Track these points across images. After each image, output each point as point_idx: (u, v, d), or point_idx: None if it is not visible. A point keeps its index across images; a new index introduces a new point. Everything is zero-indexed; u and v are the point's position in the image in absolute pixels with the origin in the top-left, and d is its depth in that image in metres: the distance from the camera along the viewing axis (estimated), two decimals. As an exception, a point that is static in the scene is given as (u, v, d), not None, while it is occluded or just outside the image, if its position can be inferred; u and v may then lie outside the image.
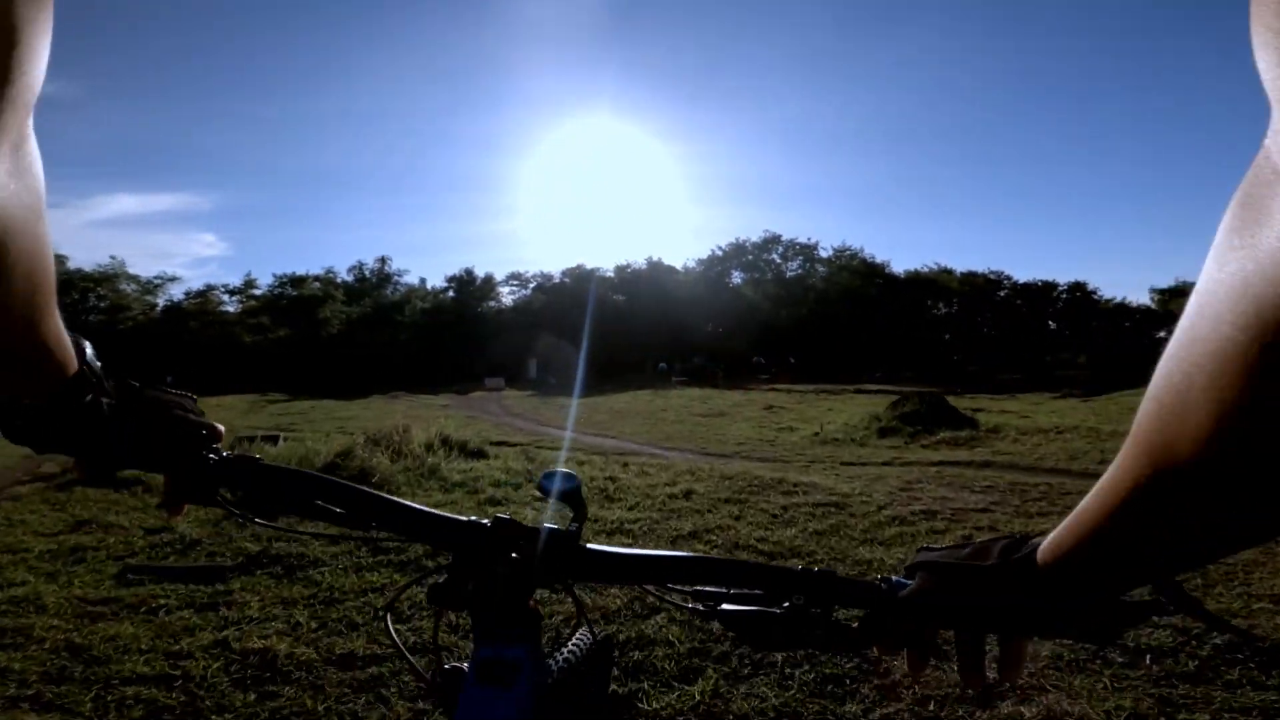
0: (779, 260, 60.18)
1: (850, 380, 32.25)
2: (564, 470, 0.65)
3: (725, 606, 0.59)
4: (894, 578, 0.59)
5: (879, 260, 57.92)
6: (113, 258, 56.91)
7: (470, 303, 53.09)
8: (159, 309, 45.90)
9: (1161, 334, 51.18)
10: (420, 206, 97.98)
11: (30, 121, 0.40)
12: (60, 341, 0.53)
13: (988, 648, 0.57)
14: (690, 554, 0.62)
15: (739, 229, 71.85)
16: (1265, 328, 0.26)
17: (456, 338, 48.97)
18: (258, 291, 48.42)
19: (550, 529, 0.60)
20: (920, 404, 10.35)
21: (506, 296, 56.82)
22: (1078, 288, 55.46)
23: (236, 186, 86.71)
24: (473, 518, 0.62)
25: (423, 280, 55.86)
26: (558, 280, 56.75)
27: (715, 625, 1.00)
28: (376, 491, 0.65)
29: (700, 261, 60.54)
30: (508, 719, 0.56)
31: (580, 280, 56.24)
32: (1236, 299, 0.27)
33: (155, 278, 47.02)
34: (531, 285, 57.10)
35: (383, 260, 55.08)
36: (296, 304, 46.96)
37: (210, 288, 47.68)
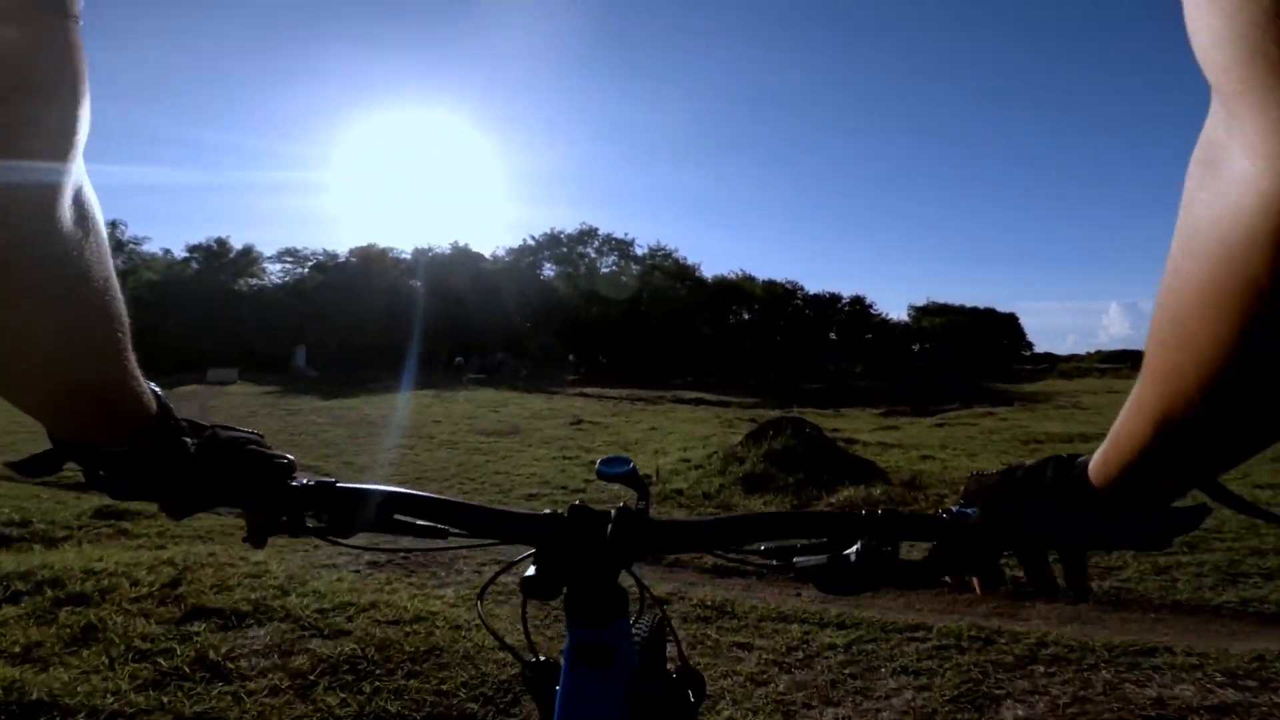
0: (594, 255, 57.15)
1: (662, 384, 29.57)
2: (618, 455, 0.73)
3: (798, 559, 0.60)
4: (954, 508, 0.59)
5: (691, 262, 57.17)
6: None
7: (219, 278, 43.26)
8: None
9: (916, 346, 58.15)
10: (183, 176, 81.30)
11: (83, 167, 0.43)
12: (139, 384, 0.54)
13: (1052, 560, 0.59)
14: (756, 513, 0.64)
15: (556, 224, 67.93)
16: (1235, 255, 0.30)
17: (197, 319, 39.42)
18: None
19: (623, 510, 0.62)
20: (793, 436, 6.92)
21: (277, 275, 47.54)
22: (858, 301, 59.01)
23: None
24: (549, 510, 0.63)
25: (167, 251, 44.68)
26: (342, 259, 48.62)
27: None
28: (451, 498, 0.66)
29: (510, 251, 55.62)
30: (610, 697, 0.57)
31: (370, 261, 48.64)
32: (1210, 236, 0.32)
33: None
34: (309, 264, 48.31)
35: (113, 224, 43.07)
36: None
37: None
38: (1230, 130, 0.30)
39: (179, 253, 44.97)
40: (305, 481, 0.64)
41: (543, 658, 0.69)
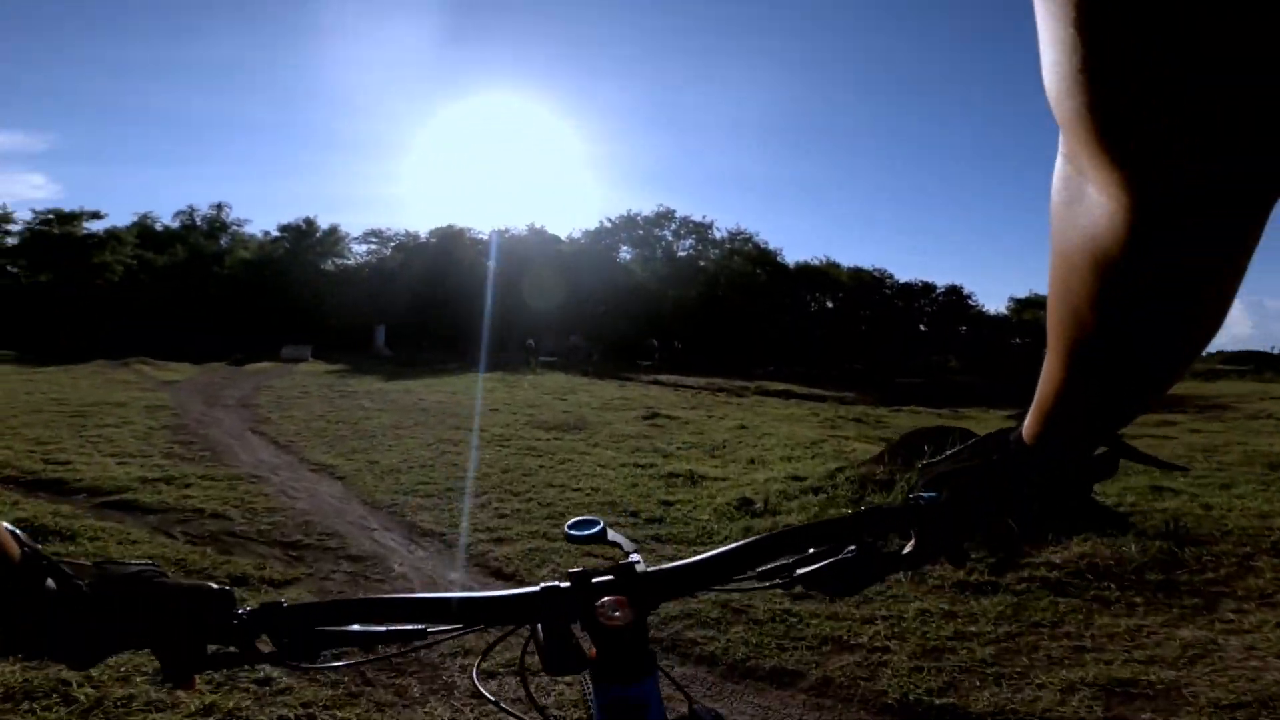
0: (671, 238, 55.14)
1: (742, 374, 27.36)
2: (583, 518, 0.71)
3: (800, 571, 0.61)
4: (922, 495, 0.63)
5: (771, 247, 54.31)
6: None
7: (307, 258, 43.87)
8: None
9: (1016, 340, 53.24)
10: (289, 163, 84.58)
11: None
12: None
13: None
14: (750, 539, 0.63)
15: (633, 206, 65.93)
16: (1098, 266, 0.38)
17: (285, 296, 40.05)
18: (15, 227, 36.62)
19: (626, 566, 0.60)
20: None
21: (363, 255, 48.01)
22: (954, 291, 54.65)
23: (71, 125, 70.61)
24: (544, 584, 0.60)
25: (266, 233, 45.69)
26: (423, 240, 48.61)
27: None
28: (422, 594, 0.61)
29: (587, 233, 54.31)
30: None
31: (448, 241, 48.45)
32: (1078, 245, 0.39)
33: None
34: (392, 244, 48.57)
35: (219, 207, 44.48)
36: (64, 245, 35.98)
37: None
38: (1081, 172, 0.35)
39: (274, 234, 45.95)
40: (244, 610, 0.57)
41: None
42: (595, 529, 0.70)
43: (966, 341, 52.33)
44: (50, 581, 0.50)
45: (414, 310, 42.76)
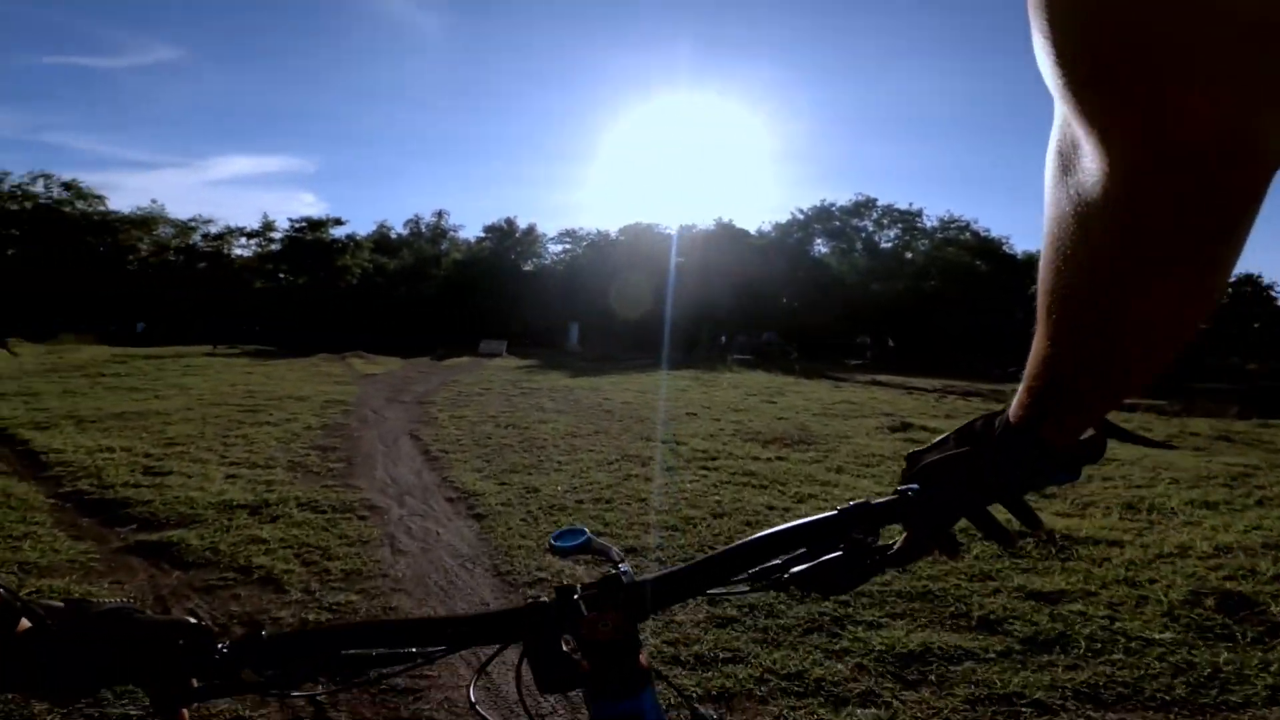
0: (872, 228, 49.89)
1: (977, 374, 22.70)
2: (570, 528, 0.68)
3: (791, 571, 0.59)
4: (909, 487, 0.59)
5: (994, 235, 46.88)
6: (153, 201, 52.82)
7: (508, 257, 45.67)
8: (170, 252, 40.28)
9: None
10: (493, 171, 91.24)
11: None
12: None
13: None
14: (739, 543, 0.61)
15: (827, 197, 60.74)
16: (1091, 235, 0.39)
17: (488, 294, 41.86)
18: (277, 235, 41.96)
19: (612, 578, 0.58)
20: None
21: (558, 254, 49.25)
22: (1248, 280, 43.29)
23: (334, 149, 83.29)
24: (530, 600, 0.58)
25: (480, 238, 48.66)
26: (614, 238, 48.63)
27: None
28: (408, 618, 0.61)
29: (777, 226, 50.92)
30: None
31: (637, 238, 47.96)
32: (1070, 214, 0.40)
33: (191, 220, 40.92)
34: (584, 243, 49.21)
35: (439, 214, 48.26)
36: (313, 250, 40.54)
37: (229, 230, 41.46)
38: (1076, 140, 0.37)
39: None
40: (226, 643, 0.55)
41: None
42: (580, 539, 0.67)
43: (1266, 340, 40.99)
44: (25, 621, 0.50)
45: (604, 307, 42.62)
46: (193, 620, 0.54)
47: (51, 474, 4.72)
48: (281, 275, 41.03)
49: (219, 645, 0.54)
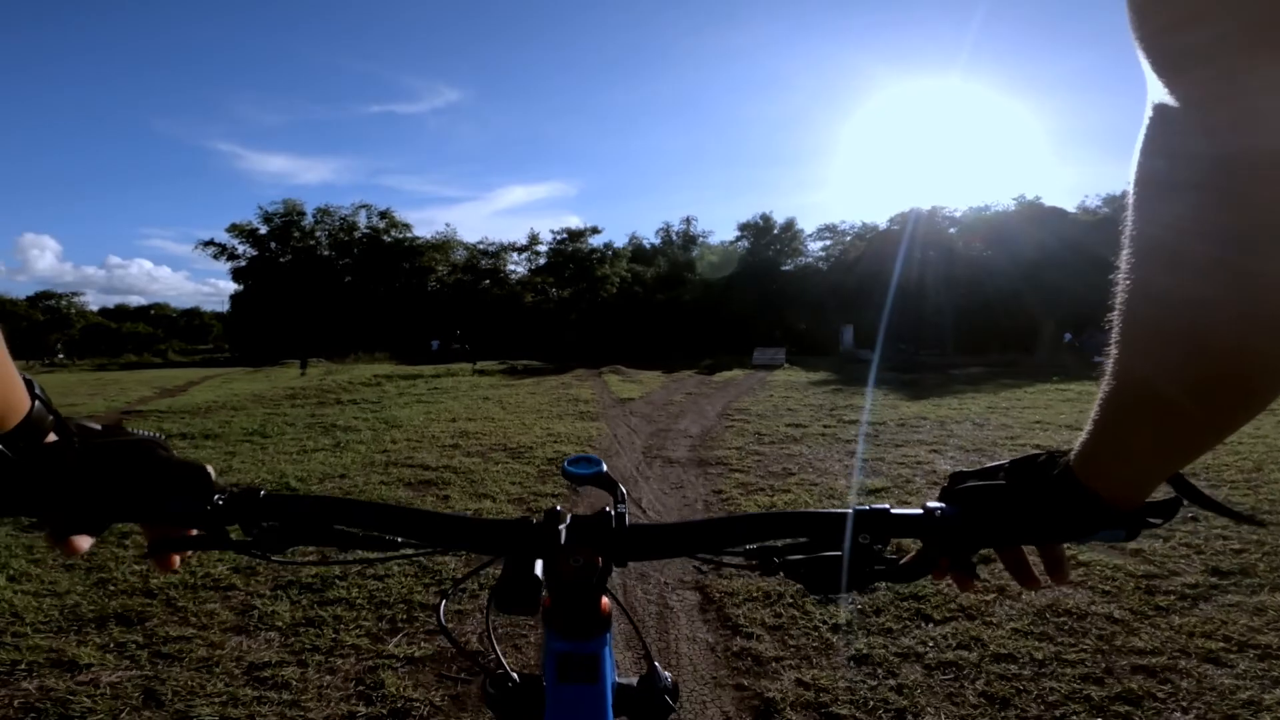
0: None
1: None
2: (586, 455, 0.65)
3: (787, 558, 0.56)
4: (937, 506, 0.55)
5: None
6: (447, 225, 58.64)
7: (766, 254, 41.07)
8: (459, 272, 43.16)
9: None
10: (741, 176, 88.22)
11: None
12: (7, 372, 0.44)
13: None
14: (739, 514, 0.59)
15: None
16: (1202, 215, 0.32)
17: (748, 298, 37.79)
18: (541, 248, 42.70)
19: (605, 514, 0.56)
20: None
21: (817, 252, 43.51)
22: None
23: (592, 172, 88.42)
24: (517, 515, 0.58)
25: (735, 239, 45.43)
26: (884, 229, 41.33)
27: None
28: (400, 505, 0.58)
29: (1105, 199, 39.04)
30: (597, 713, 0.54)
31: (918, 225, 40.11)
32: (1163, 217, 0.35)
33: (479, 243, 43.51)
34: (848, 237, 42.68)
35: (687, 220, 46.03)
36: (574, 260, 40.33)
37: (503, 248, 43.21)
38: (1173, 110, 0.33)
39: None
40: (226, 491, 0.54)
41: (514, 673, 0.63)
42: (595, 469, 0.65)
43: None
44: (53, 438, 0.48)
45: (880, 305, 35.81)
46: (198, 464, 0.52)
47: None
48: (549, 289, 41.63)
49: (216, 496, 0.52)
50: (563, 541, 0.53)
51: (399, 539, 0.56)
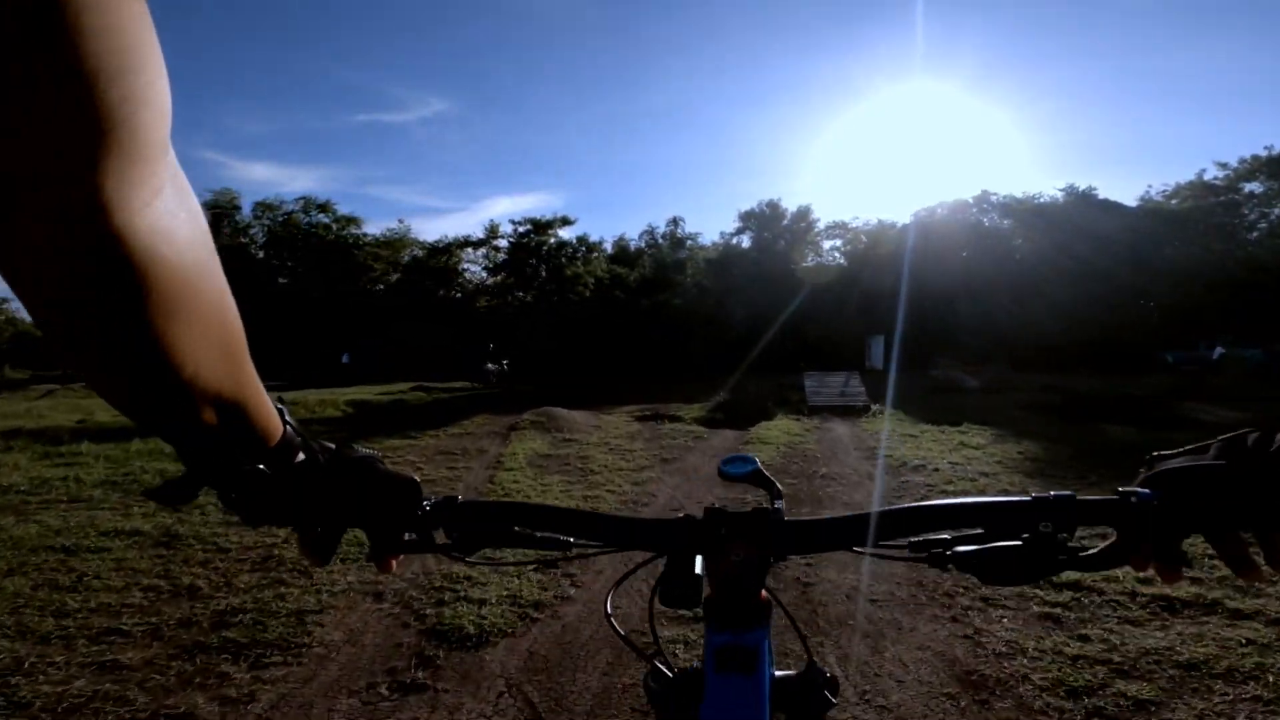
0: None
1: None
2: (741, 454, 0.65)
3: (957, 549, 0.53)
4: (1134, 490, 0.51)
5: None
6: (400, 221, 50.67)
7: (775, 249, 33.70)
8: (392, 270, 35.27)
9: None
10: (733, 189, 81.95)
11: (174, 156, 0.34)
12: (263, 397, 0.48)
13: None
14: (905, 505, 0.55)
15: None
16: None
17: (750, 299, 30.28)
18: (501, 242, 34.82)
19: (762, 510, 0.56)
20: None
21: (827, 251, 36.51)
22: None
23: (578, 183, 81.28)
24: (678, 514, 0.58)
25: (735, 232, 38.10)
26: (903, 225, 34.39)
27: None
28: (571, 508, 0.61)
29: (1166, 191, 32.61)
30: (756, 705, 0.54)
31: (955, 213, 33.28)
32: None
33: (438, 240, 36.08)
34: (864, 235, 35.68)
35: (675, 221, 38.60)
36: (537, 257, 32.53)
37: (454, 242, 35.22)
38: None
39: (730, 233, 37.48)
40: (429, 501, 0.58)
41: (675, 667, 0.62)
42: (750, 468, 0.65)
43: None
44: (301, 455, 0.52)
45: (907, 312, 28.57)
46: (413, 478, 0.55)
47: None
48: (508, 291, 33.88)
49: (424, 502, 0.56)
50: (725, 539, 0.54)
51: (570, 539, 0.58)
